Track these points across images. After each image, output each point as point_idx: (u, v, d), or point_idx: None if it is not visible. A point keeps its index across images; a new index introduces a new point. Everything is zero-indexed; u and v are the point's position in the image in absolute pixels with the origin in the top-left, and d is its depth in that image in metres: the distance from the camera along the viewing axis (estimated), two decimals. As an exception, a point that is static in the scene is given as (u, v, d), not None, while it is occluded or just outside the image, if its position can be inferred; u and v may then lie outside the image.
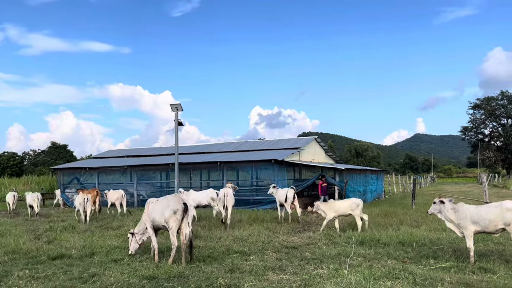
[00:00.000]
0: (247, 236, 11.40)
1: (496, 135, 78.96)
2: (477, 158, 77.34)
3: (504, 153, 75.67)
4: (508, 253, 8.55)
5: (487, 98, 79.10)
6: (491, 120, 78.77)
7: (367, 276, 6.87)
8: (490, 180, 53.64)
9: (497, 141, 79.09)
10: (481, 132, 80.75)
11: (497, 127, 79.17)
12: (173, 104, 16.46)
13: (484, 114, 78.75)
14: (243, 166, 23.21)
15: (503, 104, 77.24)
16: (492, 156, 75.49)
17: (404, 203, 21.65)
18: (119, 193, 18.70)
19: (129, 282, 7.02)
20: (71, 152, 78.32)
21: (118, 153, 33.94)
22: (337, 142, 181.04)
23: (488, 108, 77.55)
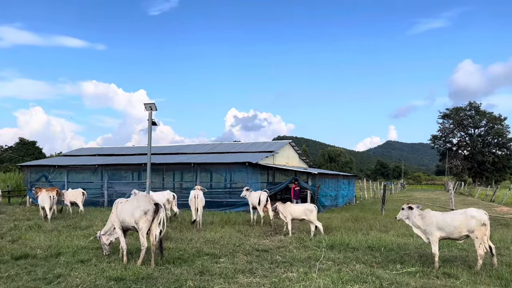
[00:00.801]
0: (219, 239, 11.37)
1: (464, 144, 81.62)
2: (445, 166, 79.68)
3: (470, 162, 78.29)
4: (471, 259, 8.83)
5: (456, 108, 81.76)
6: (459, 129, 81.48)
7: (335, 280, 6.96)
8: (457, 188, 55.34)
9: (464, 150, 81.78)
10: (450, 141, 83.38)
11: (464, 137, 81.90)
12: (147, 103, 16.23)
13: (453, 124, 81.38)
14: (217, 168, 23.13)
15: (471, 115, 80.00)
16: (459, 164, 77.98)
17: (374, 209, 22.07)
18: (78, 192, 18.36)
19: (95, 283, 6.87)
20: (40, 149, 76.05)
21: (89, 151, 33.24)
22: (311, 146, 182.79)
23: (457, 118, 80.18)
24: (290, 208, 12.59)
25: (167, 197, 15.81)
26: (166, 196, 15.86)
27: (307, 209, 12.40)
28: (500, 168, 78.02)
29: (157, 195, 15.86)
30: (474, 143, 79.09)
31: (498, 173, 78.55)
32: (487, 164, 76.34)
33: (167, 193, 16.02)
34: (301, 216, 12.38)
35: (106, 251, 9.06)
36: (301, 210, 12.44)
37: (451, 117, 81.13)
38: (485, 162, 76.29)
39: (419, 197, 37.65)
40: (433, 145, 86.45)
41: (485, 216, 7.97)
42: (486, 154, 76.96)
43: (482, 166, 77.08)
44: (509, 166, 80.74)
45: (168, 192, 16.08)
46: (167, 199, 15.73)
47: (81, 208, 18.34)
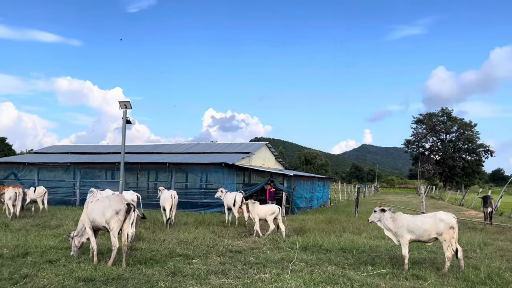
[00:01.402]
0: (192, 239, 11.29)
1: (436, 149, 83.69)
2: (418, 170, 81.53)
3: (442, 167, 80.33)
4: (439, 261, 9.05)
5: (429, 114, 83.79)
6: (431, 135, 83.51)
7: (307, 281, 7.02)
8: (428, 191, 56.66)
9: (436, 155, 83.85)
10: (422, 146, 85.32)
11: (436, 142, 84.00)
12: (122, 101, 15.98)
13: (425, 129, 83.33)
14: (192, 168, 22.97)
15: (443, 121, 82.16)
16: (431, 169, 79.91)
17: (348, 211, 22.37)
18: (40, 190, 17.93)
19: (63, 284, 6.71)
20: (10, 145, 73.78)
21: (62, 149, 32.50)
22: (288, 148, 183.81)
23: (430, 123, 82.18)
24: (257, 208, 12.74)
25: (131, 197, 15.30)
26: (129, 196, 15.29)
27: (270, 209, 12.65)
28: (469, 173, 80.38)
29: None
30: (446, 148, 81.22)
31: (467, 178, 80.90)
32: (457, 169, 78.49)
33: (130, 194, 15.58)
34: (265, 216, 12.60)
35: (75, 254, 8.80)
36: (265, 211, 12.66)
37: (424, 122, 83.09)
38: (455, 167, 78.42)
39: (392, 200, 38.38)
40: (406, 149, 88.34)
41: (453, 220, 8.19)
42: (457, 159, 79.14)
43: (452, 171, 79.22)
44: (478, 172, 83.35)
45: (132, 193, 15.70)
46: (131, 199, 15.38)
47: (42, 206, 17.67)
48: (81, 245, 8.88)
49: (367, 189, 57.85)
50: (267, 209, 12.71)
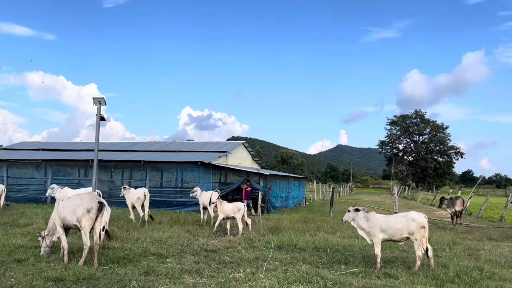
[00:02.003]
0: (166, 238, 11.17)
1: (409, 150, 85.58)
2: (391, 171, 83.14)
3: (414, 168, 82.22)
4: (411, 260, 9.25)
5: (403, 116, 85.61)
6: (405, 136, 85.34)
7: (281, 280, 7.05)
8: (401, 192, 57.84)
9: (409, 156, 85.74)
10: (396, 147, 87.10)
11: (410, 143, 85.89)
12: (96, 98, 15.63)
13: (399, 131, 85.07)
14: (168, 167, 22.73)
15: (416, 123, 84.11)
16: (404, 170, 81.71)
17: (323, 210, 22.60)
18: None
19: (32, 284, 6.53)
20: (-23, 141, 71.38)
21: (33, 145, 31.61)
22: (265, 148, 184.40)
23: (403, 125, 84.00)
24: (223, 207, 12.96)
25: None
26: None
27: (235, 206, 12.84)
28: (440, 174, 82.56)
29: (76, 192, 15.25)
30: (418, 150, 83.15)
31: (439, 178, 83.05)
32: (429, 170, 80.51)
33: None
34: (230, 214, 12.80)
35: (45, 253, 8.56)
36: (230, 208, 12.84)
37: (398, 124, 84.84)
38: (427, 168, 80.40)
39: (366, 200, 39.02)
40: (380, 150, 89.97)
41: (425, 219, 8.38)
42: (429, 161, 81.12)
43: (424, 172, 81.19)
44: (449, 173, 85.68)
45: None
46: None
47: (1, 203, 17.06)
48: (52, 244, 8.67)
49: (342, 189, 58.61)
50: (233, 207, 12.90)
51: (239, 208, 12.79)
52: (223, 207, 12.95)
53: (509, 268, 8.87)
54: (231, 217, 12.93)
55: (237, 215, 12.72)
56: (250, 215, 19.63)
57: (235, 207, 12.85)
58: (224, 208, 12.92)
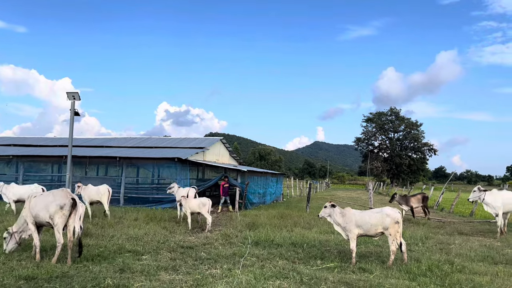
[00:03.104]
0: (142, 235, 11.05)
1: (384, 147, 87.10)
2: (367, 167, 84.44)
3: (389, 164, 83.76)
4: (385, 254, 9.44)
5: (378, 113, 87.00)
6: (380, 133, 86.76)
7: (258, 276, 7.08)
8: (376, 188, 58.80)
9: (384, 153, 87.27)
10: (372, 143, 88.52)
11: (385, 140, 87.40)
12: (70, 93, 15.30)
13: (375, 128, 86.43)
14: (144, 163, 22.43)
15: (392, 120, 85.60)
16: (380, 166, 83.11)
17: (299, 206, 22.76)
18: None
19: (3, 282, 6.35)
20: None
21: (3, 140, 30.65)
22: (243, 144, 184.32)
23: (379, 122, 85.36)
24: (189, 202, 13.32)
25: (35, 190, 14.91)
26: (33, 189, 14.98)
27: (201, 202, 13.16)
28: (414, 170, 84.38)
29: (23, 189, 15.30)
30: (393, 146, 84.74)
31: (413, 175, 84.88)
32: (404, 166, 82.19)
33: (34, 187, 15.36)
34: (196, 209, 13.11)
35: (10, 250, 8.26)
36: (196, 204, 13.16)
37: (374, 121, 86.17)
38: (402, 164, 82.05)
39: (342, 196, 39.51)
40: (356, 147, 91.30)
41: (399, 215, 8.56)
42: (403, 157, 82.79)
43: (399, 168, 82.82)
44: (422, 169, 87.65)
45: (36, 186, 15.49)
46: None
47: None
48: (20, 243, 8.40)
49: (319, 185, 59.18)
50: (198, 203, 13.20)
51: (204, 203, 13.10)
52: (189, 203, 13.29)
53: (479, 261, 9.16)
54: (196, 212, 13.26)
55: (202, 210, 13.02)
56: (228, 211, 19.63)
57: (201, 202, 13.17)
58: (190, 204, 13.26)
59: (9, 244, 8.31)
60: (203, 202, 13.17)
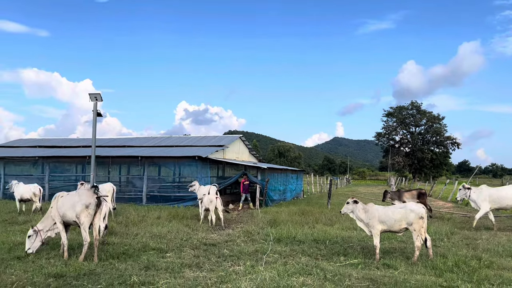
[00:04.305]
0: (166, 233, 11.19)
1: (405, 141, 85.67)
2: (388, 162, 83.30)
3: (411, 159, 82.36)
4: (409, 250, 9.31)
5: (399, 107, 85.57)
6: (401, 127, 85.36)
7: (281, 272, 7.08)
8: (398, 183, 58.02)
9: (406, 147, 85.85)
10: (393, 138, 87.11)
11: (406, 135, 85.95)
12: (92, 94, 15.58)
13: (396, 122, 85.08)
14: (165, 161, 22.68)
15: (413, 114, 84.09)
16: (401, 161, 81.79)
17: (320, 203, 22.65)
18: None
19: (33, 280, 6.53)
20: (-27, 139, 70.99)
21: (30, 142, 31.47)
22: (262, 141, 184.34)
23: (400, 116, 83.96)
24: (203, 200, 13.74)
25: (33, 190, 15.88)
26: (32, 189, 15.87)
27: (209, 199, 13.42)
28: (437, 164, 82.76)
29: (24, 188, 15.95)
30: (415, 141, 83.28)
31: (435, 169, 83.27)
32: (426, 160, 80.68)
33: (33, 187, 16.03)
34: (207, 206, 13.42)
35: (33, 249, 8.34)
36: (205, 200, 13.47)
37: (395, 115, 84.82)
38: (424, 159, 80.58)
39: (363, 192, 39.14)
40: (377, 142, 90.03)
41: (423, 210, 8.43)
42: (425, 151, 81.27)
43: (421, 163, 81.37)
44: (445, 163, 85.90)
45: (35, 186, 16.11)
46: (33, 192, 15.85)
47: None
48: (43, 242, 8.56)
49: (339, 181, 58.75)
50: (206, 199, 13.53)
51: (211, 200, 13.39)
52: (203, 200, 13.65)
53: (507, 256, 8.95)
54: (207, 209, 13.52)
55: (210, 206, 13.29)
56: (249, 208, 19.69)
57: (209, 199, 13.45)
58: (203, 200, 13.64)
59: (35, 242, 8.42)
60: (210, 198, 13.44)
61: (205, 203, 13.54)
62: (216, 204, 13.41)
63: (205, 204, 13.52)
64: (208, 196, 13.64)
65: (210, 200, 13.39)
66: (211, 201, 13.35)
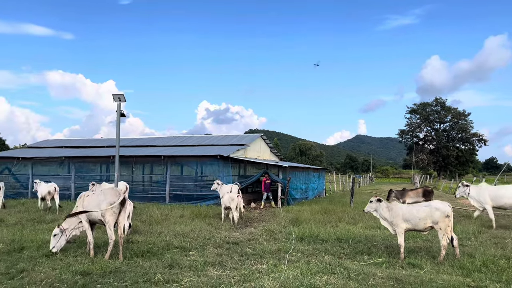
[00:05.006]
0: (189, 232, 11.30)
1: (430, 139, 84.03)
2: (412, 160, 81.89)
3: (435, 156, 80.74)
4: (435, 249, 9.12)
5: (423, 104, 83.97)
6: (425, 124, 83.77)
7: (304, 271, 7.05)
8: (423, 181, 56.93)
9: (430, 144, 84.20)
10: (417, 135, 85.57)
11: (430, 132, 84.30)
12: (116, 95, 15.82)
13: (419, 119, 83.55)
14: (187, 161, 22.91)
15: (437, 110, 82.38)
16: (425, 158, 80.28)
17: (343, 201, 22.45)
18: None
19: (61, 278, 6.69)
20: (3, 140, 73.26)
21: (56, 143, 32.27)
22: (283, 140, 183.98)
23: (424, 113, 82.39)
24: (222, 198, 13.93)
25: (49, 189, 16.37)
26: (48, 188, 16.38)
27: (230, 197, 13.50)
28: (463, 162, 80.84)
29: (43, 187, 16.55)
30: (440, 138, 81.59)
31: (461, 167, 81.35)
32: (451, 158, 78.94)
33: (50, 185, 16.62)
34: (227, 204, 13.51)
35: (58, 248, 8.48)
36: (226, 199, 13.53)
37: (418, 112, 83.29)
38: (449, 156, 78.86)
39: (386, 190, 38.54)
40: (400, 139, 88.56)
41: (449, 208, 8.25)
42: (451, 149, 79.53)
43: (446, 160, 79.66)
44: (471, 160, 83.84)
45: (51, 184, 16.70)
46: (48, 190, 16.32)
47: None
48: (68, 241, 8.72)
49: (362, 180, 58.12)
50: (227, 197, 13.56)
51: (232, 198, 13.47)
52: (222, 198, 13.81)
53: (538, 256, 8.66)
54: (228, 207, 13.58)
55: (231, 205, 13.36)
56: (271, 207, 19.68)
57: (230, 197, 13.54)
58: (223, 199, 13.76)
59: (60, 241, 8.54)
60: (231, 197, 13.52)
61: (225, 201, 13.61)
62: (237, 203, 13.44)
63: (226, 203, 13.58)
64: (229, 195, 13.70)
65: (231, 198, 13.46)
66: (232, 200, 13.42)
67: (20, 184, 25.27)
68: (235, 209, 13.34)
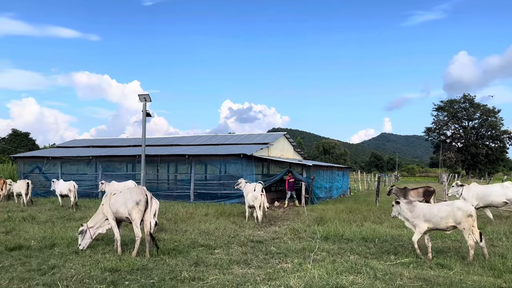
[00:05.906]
0: (213, 230, 11.38)
1: (457, 136, 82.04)
2: (439, 158, 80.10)
3: (464, 155, 78.73)
4: (464, 250, 8.89)
5: (450, 101, 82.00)
6: (453, 122, 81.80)
7: (330, 271, 6.99)
8: (450, 179, 55.60)
9: (458, 142, 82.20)
10: (444, 133, 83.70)
11: (458, 129, 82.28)
12: (141, 95, 16.12)
13: (447, 116, 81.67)
14: (211, 159, 23.09)
15: (465, 107, 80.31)
16: (453, 157, 78.40)
17: (368, 200, 22.17)
18: (22, 183, 18.66)
19: (90, 274, 6.86)
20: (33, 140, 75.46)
21: (83, 143, 33.06)
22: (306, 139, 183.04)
23: (451, 110, 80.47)
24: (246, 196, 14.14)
25: (68, 186, 17.14)
26: (67, 186, 17.18)
27: (253, 195, 13.57)
28: (493, 160, 78.54)
29: (62, 185, 17.49)
30: (468, 136, 79.51)
31: (491, 165, 79.07)
32: (481, 156, 76.81)
33: (69, 183, 17.41)
34: (251, 203, 13.59)
35: (84, 245, 8.70)
36: (250, 197, 13.61)
37: (446, 109, 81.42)
38: (478, 154, 76.76)
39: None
40: (427, 137, 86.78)
41: (471, 208, 8.08)
42: (480, 147, 77.40)
43: (475, 158, 77.58)
44: (502, 159, 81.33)
45: (70, 182, 17.48)
46: (68, 188, 17.07)
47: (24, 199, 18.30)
48: (95, 237, 8.90)
49: (387, 178, 57.20)
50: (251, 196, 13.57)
51: (255, 196, 13.54)
52: (246, 196, 13.95)
53: None
54: (252, 206, 13.62)
55: (255, 203, 13.40)
56: (294, 206, 19.62)
57: (253, 196, 13.62)
58: (247, 197, 13.89)
59: (84, 239, 8.76)
60: (254, 195, 13.60)
61: (249, 200, 13.67)
62: (261, 201, 13.48)
63: (249, 201, 13.64)
64: (252, 193, 13.75)
65: (255, 197, 13.50)
66: (256, 198, 13.46)
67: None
68: (258, 208, 13.38)
